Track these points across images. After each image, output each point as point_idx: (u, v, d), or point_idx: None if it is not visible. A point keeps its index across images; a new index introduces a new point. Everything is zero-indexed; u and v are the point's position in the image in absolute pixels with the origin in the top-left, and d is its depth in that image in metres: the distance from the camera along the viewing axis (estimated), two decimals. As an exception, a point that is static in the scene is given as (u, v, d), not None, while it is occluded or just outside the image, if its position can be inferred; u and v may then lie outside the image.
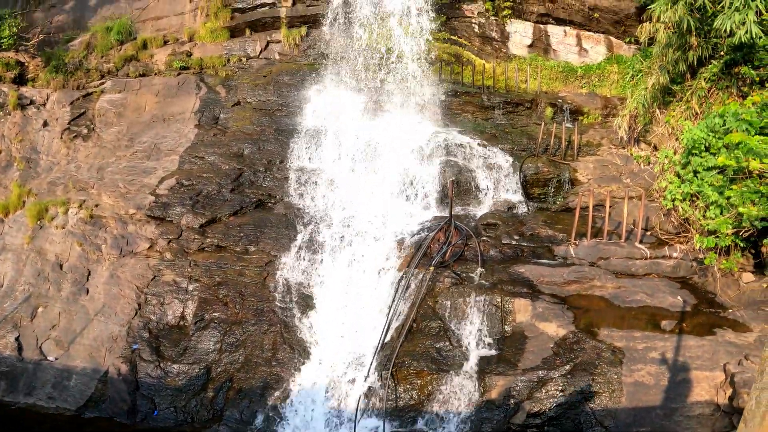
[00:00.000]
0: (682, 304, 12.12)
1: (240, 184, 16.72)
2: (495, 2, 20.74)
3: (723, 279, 12.76)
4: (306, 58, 20.99)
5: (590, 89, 19.93)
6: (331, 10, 20.39)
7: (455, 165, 16.15)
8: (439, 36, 20.53)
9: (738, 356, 10.56)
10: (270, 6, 21.82)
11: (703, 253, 12.92)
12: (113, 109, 19.83)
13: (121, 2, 23.68)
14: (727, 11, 12.95)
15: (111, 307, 14.70)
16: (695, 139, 12.97)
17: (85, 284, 15.42)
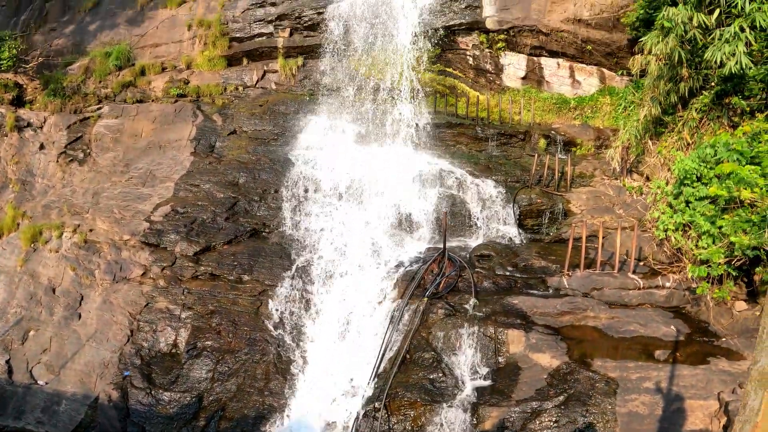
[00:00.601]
0: (676, 333, 12.10)
1: (235, 213, 16.75)
2: (489, 35, 20.85)
3: (716, 308, 12.75)
4: (302, 88, 21.18)
5: (583, 121, 20.02)
6: (327, 41, 20.63)
7: (449, 196, 16.24)
8: (434, 68, 20.70)
9: (732, 385, 10.54)
10: (267, 36, 22.10)
11: (696, 283, 12.91)
12: (110, 134, 19.88)
13: (121, 28, 23.87)
14: (717, 43, 13.09)
15: (103, 332, 14.67)
16: (687, 170, 13.04)
17: (77, 309, 15.40)
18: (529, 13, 20.38)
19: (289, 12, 21.84)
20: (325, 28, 20.93)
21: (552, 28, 20.21)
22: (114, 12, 24.56)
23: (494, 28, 20.63)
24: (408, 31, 19.95)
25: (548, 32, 20.29)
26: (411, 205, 16.05)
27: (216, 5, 22.97)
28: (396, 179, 16.56)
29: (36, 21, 25.29)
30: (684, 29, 13.95)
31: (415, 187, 16.37)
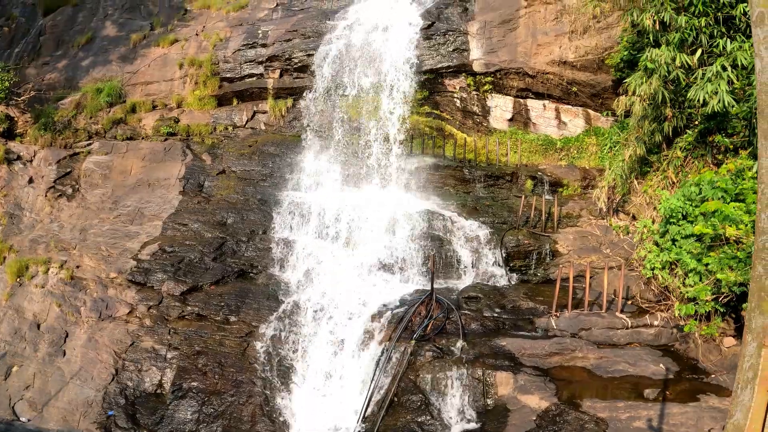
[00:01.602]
0: (665, 371, 12.14)
1: (222, 253, 16.77)
2: (476, 78, 21.17)
3: (704, 345, 12.80)
4: (291, 129, 21.35)
5: (569, 161, 20.19)
6: (316, 83, 20.89)
7: (437, 238, 16.33)
8: (422, 110, 20.97)
9: (722, 421, 10.53)
10: (258, 77, 22.33)
11: (684, 320, 12.95)
12: (99, 171, 19.90)
13: (113, 65, 24.01)
14: (699, 82, 13.31)
15: (87, 370, 14.56)
16: (672, 209, 13.14)
17: (62, 346, 15.29)
18: (515, 56, 20.70)
19: (279, 53, 22.14)
20: (314, 69, 21.24)
21: (538, 70, 20.51)
22: (107, 48, 24.73)
23: (481, 70, 20.98)
24: (396, 73, 20.22)
25: (534, 74, 20.58)
26: (398, 247, 16.13)
27: (207, 45, 23.22)
28: (383, 221, 16.64)
29: (29, 54, 25.41)
30: (667, 70, 14.20)
31: (402, 229, 16.45)
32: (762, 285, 3.25)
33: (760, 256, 3.26)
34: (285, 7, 25.04)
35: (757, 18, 3.22)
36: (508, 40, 20.95)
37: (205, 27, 24.57)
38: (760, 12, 3.20)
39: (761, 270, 3.26)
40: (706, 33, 13.93)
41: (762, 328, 3.27)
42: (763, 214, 3.27)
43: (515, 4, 21.35)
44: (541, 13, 21.07)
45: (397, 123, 19.54)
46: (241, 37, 23.14)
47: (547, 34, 20.69)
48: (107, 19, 26.05)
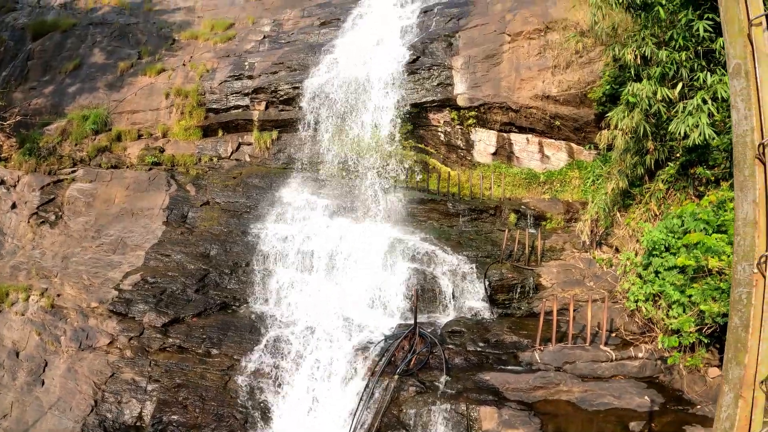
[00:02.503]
0: (650, 403, 12.13)
1: (205, 285, 16.79)
2: (460, 112, 21.34)
3: (689, 376, 12.79)
4: (276, 161, 21.48)
5: (552, 195, 20.24)
6: (302, 116, 21.12)
7: (420, 272, 16.36)
8: (407, 144, 21.07)
9: (709, 452, 10.65)
10: (243, 108, 22.48)
11: (668, 352, 12.97)
12: (83, 199, 19.89)
13: (100, 92, 24.08)
14: (680, 115, 13.40)
15: (66, 401, 14.49)
16: (655, 241, 13.21)
17: (41, 375, 15.21)
18: (499, 91, 20.92)
19: (265, 85, 22.34)
20: (300, 102, 21.45)
21: (521, 104, 20.72)
22: (94, 76, 24.82)
23: (465, 105, 21.15)
24: (381, 107, 20.44)
25: (518, 109, 20.78)
26: (382, 281, 16.15)
27: (194, 75, 23.39)
28: (367, 254, 16.70)
29: (17, 78, 25.43)
30: (648, 103, 14.35)
31: (386, 263, 16.49)
32: (738, 336, 3.37)
33: (737, 308, 3.37)
34: (272, 39, 25.33)
35: (734, 69, 3.36)
36: (492, 75, 21.19)
37: (193, 57, 24.79)
38: (737, 63, 3.35)
39: (737, 321, 3.38)
40: (687, 67, 14.12)
41: (739, 379, 3.38)
42: (739, 265, 3.40)
43: (499, 40, 21.65)
44: (525, 48, 21.36)
45: (381, 157, 19.72)
46: (227, 69, 23.37)
47: (531, 68, 20.95)
48: (95, 46, 26.18)
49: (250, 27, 26.58)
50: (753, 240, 3.25)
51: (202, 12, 28.09)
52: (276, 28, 26.23)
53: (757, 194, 3.23)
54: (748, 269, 3.28)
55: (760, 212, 3.22)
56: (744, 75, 3.29)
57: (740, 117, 3.33)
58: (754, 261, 3.24)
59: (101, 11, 28.10)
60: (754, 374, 3.37)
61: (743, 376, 3.40)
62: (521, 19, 21.88)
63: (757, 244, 3.24)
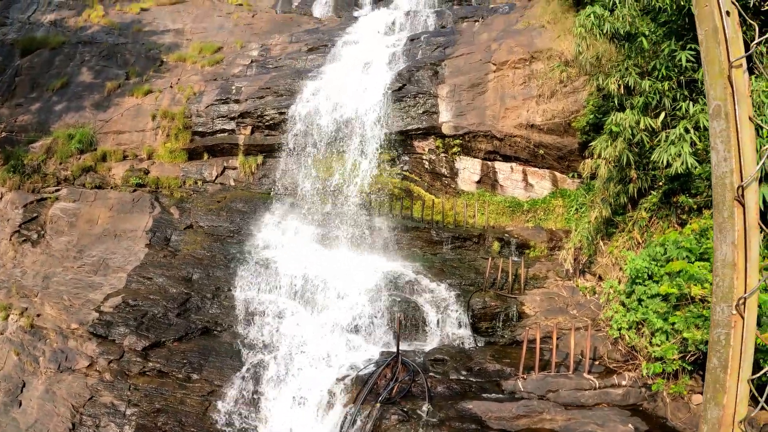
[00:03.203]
0: (634, 431, 12.23)
1: (187, 309, 16.69)
2: (445, 140, 21.50)
3: (673, 403, 12.79)
4: (260, 186, 21.51)
5: (536, 223, 20.33)
6: (287, 141, 21.18)
7: (403, 299, 16.39)
8: (391, 171, 21.20)
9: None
10: (229, 132, 22.54)
11: (652, 379, 12.96)
12: (66, 218, 19.80)
13: (86, 111, 24.05)
14: (663, 144, 13.53)
15: (44, 423, 14.32)
16: (638, 269, 13.29)
17: (18, 396, 15.04)
18: (483, 119, 21.11)
19: (252, 110, 22.42)
20: (286, 128, 21.54)
21: (506, 133, 20.90)
22: (81, 95, 24.80)
23: (450, 133, 21.32)
24: (367, 134, 20.56)
25: (502, 137, 20.96)
26: (364, 308, 16.15)
27: (181, 98, 23.45)
28: (350, 281, 16.71)
29: (3, 94, 25.36)
30: (632, 133, 14.52)
31: (369, 290, 16.50)
32: (717, 377, 3.39)
33: (715, 349, 3.40)
34: (259, 64, 25.46)
35: (714, 111, 3.41)
36: (477, 104, 21.40)
37: (180, 80, 24.86)
38: (717, 105, 3.40)
39: (716, 362, 3.40)
40: (670, 96, 14.34)
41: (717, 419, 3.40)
42: (718, 306, 3.42)
43: (484, 69, 21.89)
44: (510, 77, 21.61)
45: (366, 184, 19.82)
46: (214, 92, 23.45)
47: (516, 98, 21.17)
48: (84, 65, 26.20)
49: (238, 51, 26.74)
50: (732, 282, 3.29)
51: (191, 35, 28.23)
52: (264, 53, 26.39)
53: (735, 236, 3.28)
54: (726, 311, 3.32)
55: (739, 254, 3.27)
56: (724, 117, 3.35)
57: (719, 159, 3.39)
58: (733, 302, 3.29)
59: (91, 30, 28.16)
60: (733, 414, 3.40)
61: (722, 417, 3.43)
62: (507, 48, 22.16)
63: (736, 285, 3.28)
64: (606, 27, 15.28)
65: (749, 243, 3.29)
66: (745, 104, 3.37)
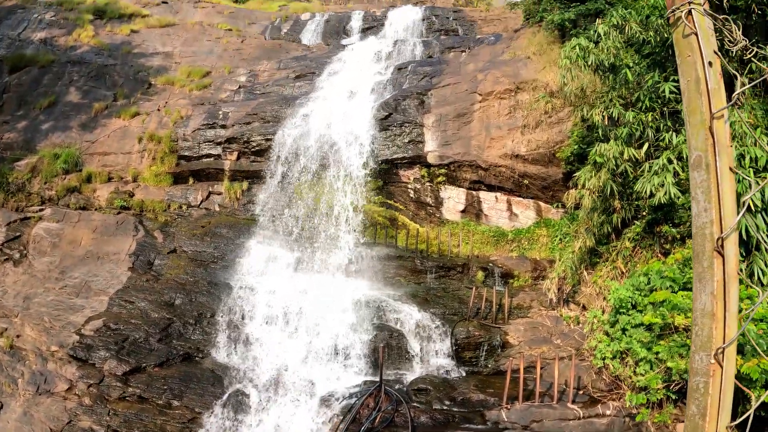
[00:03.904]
0: None
1: (168, 335, 16.57)
2: (430, 169, 21.58)
3: None
4: (245, 212, 21.50)
5: (520, 252, 20.37)
6: (273, 168, 21.26)
7: (387, 328, 16.38)
8: (376, 199, 21.25)
9: None
10: (215, 158, 22.54)
11: (636, 409, 12.95)
12: (49, 238, 19.66)
13: (73, 131, 23.96)
14: (646, 175, 13.70)
15: (20, 447, 14.16)
16: (622, 299, 13.36)
17: (-5, 418, 14.87)
18: (469, 149, 21.24)
19: (238, 136, 22.47)
20: (272, 154, 21.62)
21: (491, 163, 21.03)
22: (68, 114, 24.72)
23: (435, 162, 21.42)
24: (352, 163, 20.65)
25: (487, 167, 21.08)
26: (348, 337, 16.10)
27: (168, 121, 23.45)
28: (334, 309, 16.68)
29: (-9, 111, 25.29)
30: (615, 163, 14.71)
31: (352, 319, 16.48)
32: (696, 424, 3.43)
33: (694, 396, 3.43)
34: (247, 89, 25.56)
35: (695, 161, 3.45)
36: (463, 133, 21.54)
37: (168, 103, 24.88)
38: (698, 155, 3.44)
39: (695, 409, 3.44)
40: (653, 127, 14.53)
41: None
42: (697, 355, 3.47)
43: (470, 99, 22.08)
44: (495, 107, 21.79)
45: (351, 212, 19.87)
46: (201, 117, 23.48)
47: (501, 128, 21.35)
48: (72, 84, 26.15)
49: (226, 76, 26.83)
50: (711, 331, 3.35)
51: (179, 58, 28.30)
52: (252, 79, 26.49)
53: (715, 286, 3.34)
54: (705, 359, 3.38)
55: (718, 304, 3.34)
56: (705, 167, 3.41)
57: (700, 209, 3.44)
58: (712, 352, 3.35)
59: (80, 50, 28.14)
60: (712, 460, 3.45)
61: (702, 463, 3.48)
62: (492, 79, 22.37)
63: (715, 335, 3.34)
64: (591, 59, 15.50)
65: (728, 293, 3.34)
66: (726, 155, 3.42)
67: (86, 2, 31.51)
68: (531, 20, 24.91)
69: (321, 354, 15.95)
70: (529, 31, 24.74)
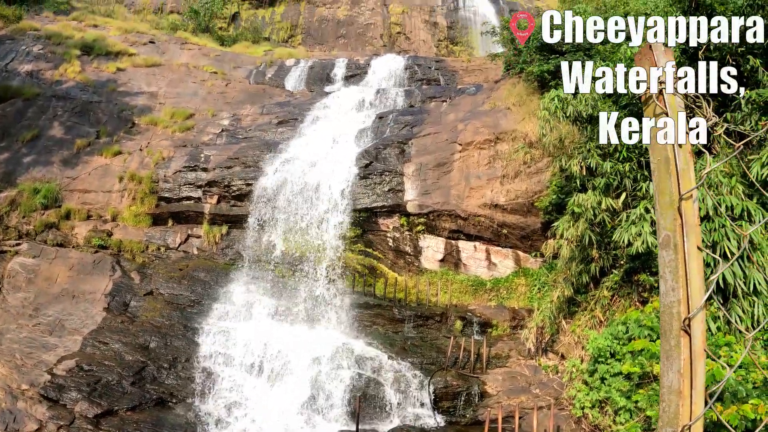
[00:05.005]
0: None
1: (142, 378, 16.42)
2: (410, 218, 21.64)
3: None
4: (224, 256, 21.45)
5: (499, 302, 20.32)
6: (253, 213, 21.29)
7: (364, 378, 16.33)
8: (355, 248, 21.25)
9: None
10: (195, 200, 22.51)
11: None
12: (24, 274, 19.51)
13: (54, 167, 23.78)
14: (624, 225, 13.90)
15: (-14, 488, 13.91)
16: (600, 348, 13.43)
17: (-40, 456, 14.61)
18: (448, 199, 21.38)
19: (219, 179, 22.49)
20: (252, 199, 21.66)
21: (470, 213, 21.14)
22: (51, 149, 24.57)
23: (415, 211, 21.49)
24: (332, 209, 20.75)
25: (466, 217, 21.19)
26: (324, 386, 16.05)
27: (150, 162, 23.46)
28: (310, 358, 16.63)
29: (-27, 141, 25.07)
30: (593, 213, 14.89)
31: (329, 367, 16.44)
32: None
33: None
34: (230, 133, 25.66)
35: (663, 240, 3.51)
36: (443, 183, 21.71)
37: (150, 143, 24.90)
38: (666, 235, 3.50)
39: None
40: (630, 177, 14.79)
41: None
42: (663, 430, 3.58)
43: (450, 149, 22.29)
44: (475, 157, 22.01)
45: (330, 260, 19.90)
46: (183, 159, 23.51)
47: (480, 177, 21.51)
48: (56, 119, 26.04)
49: (209, 119, 26.94)
50: (677, 408, 3.44)
51: (164, 99, 28.38)
52: (234, 123, 26.60)
53: (681, 365, 3.43)
54: (672, 436, 3.48)
55: (684, 382, 3.42)
56: (673, 247, 3.49)
57: (668, 288, 3.53)
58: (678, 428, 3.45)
59: (66, 85, 28.15)
60: None
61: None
62: (473, 129, 22.62)
63: (681, 413, 3.43)
64: (569, 110, 15.69)
65: (695, 371, 3.43)
66: (694, 235, 3.51)
67: (74, 37, 31.57)
68: (511, 71, 25.23)
69: (297, 402, 15.88)
70: (509, 82, 25.04)
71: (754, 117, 13.55)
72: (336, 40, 43.10)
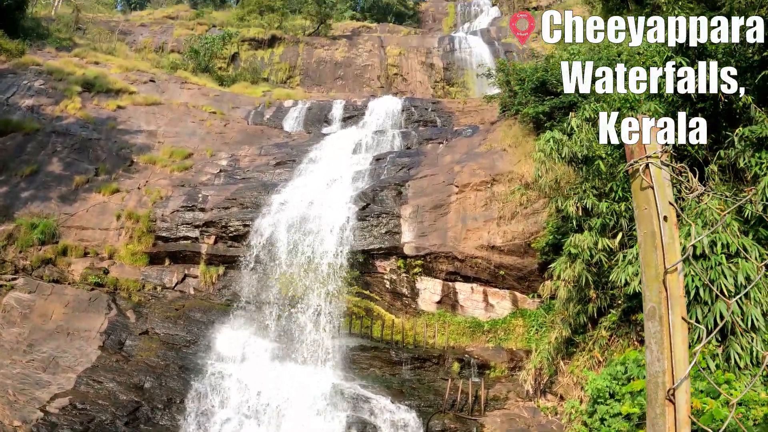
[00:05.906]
0: None
1: (136, 419, 16.37)
2: (407, 260, 21.69)
3: None
4: (220, 297, 21.48)
5: (496, 343, 20.22)
6: (250, 254, 21.35)
7: (361, 421, 16.29)
8: (352, 290, 21.26)
9: None
10: (193, 240, 22.59)
11: None
12: (19, 309, 19.50)
13: (52, 202, 23.83)
14: (621, 264, 13.71)
15: None
16: (599, 388, 13.29)
17: (-52, 492, 14.52)
18: (445, 240, 21.42)
19: (216, 220, 22.61)
20: (249, 240, 21.74)
21: (467, 254, 21.16)
22: (49, 185, 24.63)
23: (412, 253, 21.54)
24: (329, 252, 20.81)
25: (463, 258, 21.21)
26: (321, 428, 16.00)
27: (148, 201, 23.56)
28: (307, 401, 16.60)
29: (-28, 174, 25.11)
30: (590, 254, 14.87)
31: (326, 410, 16.39)
32: None
33: None
34: (228, 174, 25.82)
35: (649, 312, 3.57)
36: (439, 225, 21.78)
37: (148, 182, 25.02)
38: (652, 306, 3.56)
39: None
40: (626, 217, 14.73)
41: None
42: None
43: (447, 190, 22.40)
44: (472, 199, 22.10)
45: (327, 302, 19.92)
46: (181, 198, 23.65)
47: (477, 219, 21.56)
48: (55, 155, 26.15)
49: (208, 159, 27.10)
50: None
51: (163, 138, 28.54)
52: (233, 163, 26.77)
53: None
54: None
55: (669, 450, 3.49)
56: (658, 319, 3.55)
57: (653, 358, 3.60)
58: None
59: (66, 121, 28.30)
60: None
61: None
62: (469, 171, 22.74)
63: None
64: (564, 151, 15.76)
65: None
66: (679, 307, 3.59)
67: (76, 74, 31.87)
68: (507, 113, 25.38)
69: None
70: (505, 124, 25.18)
71: (747, 154, 13.66)
72: (334, 81, 43.60)
